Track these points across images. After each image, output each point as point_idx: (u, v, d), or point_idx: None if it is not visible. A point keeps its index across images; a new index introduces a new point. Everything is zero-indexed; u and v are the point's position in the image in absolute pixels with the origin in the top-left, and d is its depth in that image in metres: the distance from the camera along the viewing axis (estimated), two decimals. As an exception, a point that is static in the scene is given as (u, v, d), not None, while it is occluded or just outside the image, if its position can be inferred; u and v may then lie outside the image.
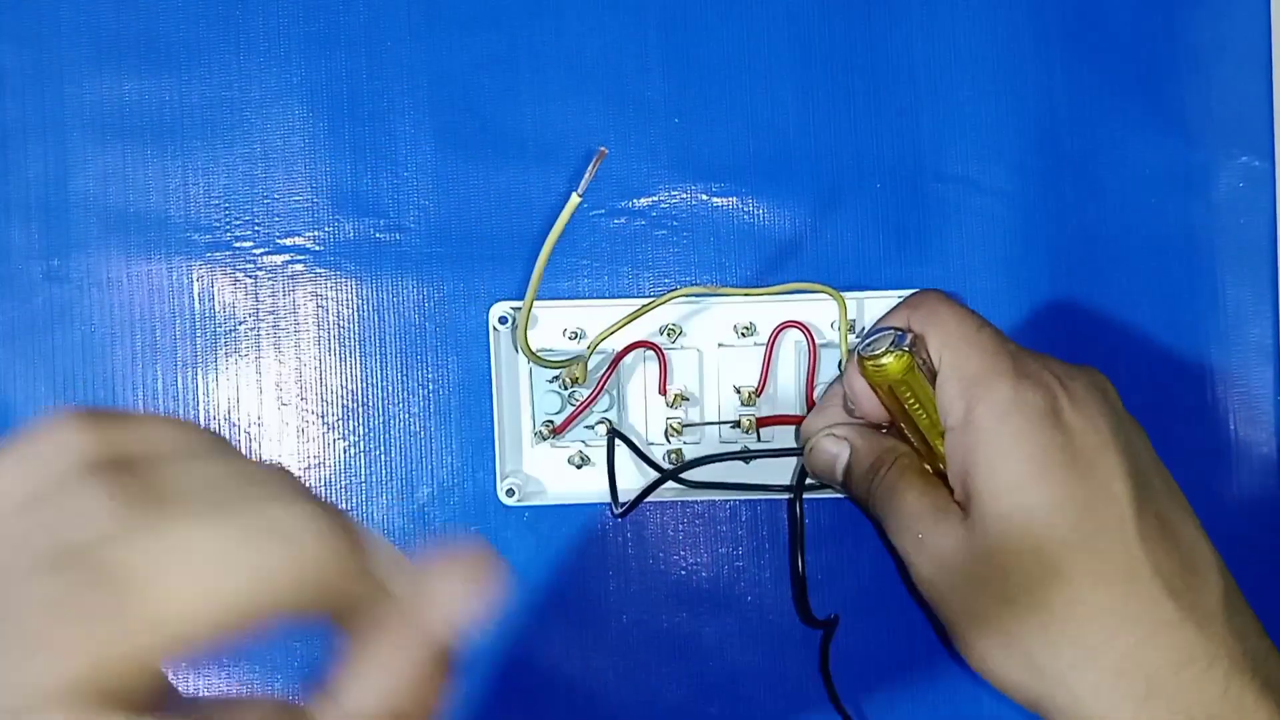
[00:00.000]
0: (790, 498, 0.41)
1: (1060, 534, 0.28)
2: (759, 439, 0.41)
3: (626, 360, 0.41)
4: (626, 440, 0.40)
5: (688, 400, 0.42)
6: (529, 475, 0.42)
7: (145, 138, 0.42)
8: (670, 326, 0.41)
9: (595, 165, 0.34)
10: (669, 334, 0.42)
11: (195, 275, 0.43)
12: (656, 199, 0.43)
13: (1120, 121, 0.43)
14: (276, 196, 0.43)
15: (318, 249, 0.43)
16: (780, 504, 0.43)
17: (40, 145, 0.42)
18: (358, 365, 0.43)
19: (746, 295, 0.41)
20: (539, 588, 0.43)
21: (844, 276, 0.42)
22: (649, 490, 0.40)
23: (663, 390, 0.41)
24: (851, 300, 0.41)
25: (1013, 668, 0.29)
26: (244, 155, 0.43)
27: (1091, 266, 0.43)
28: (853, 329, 0.40)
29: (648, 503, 0.41)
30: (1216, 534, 0.32)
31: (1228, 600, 0.29)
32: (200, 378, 0.43)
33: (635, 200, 0.43)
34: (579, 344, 0.41)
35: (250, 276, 0.43)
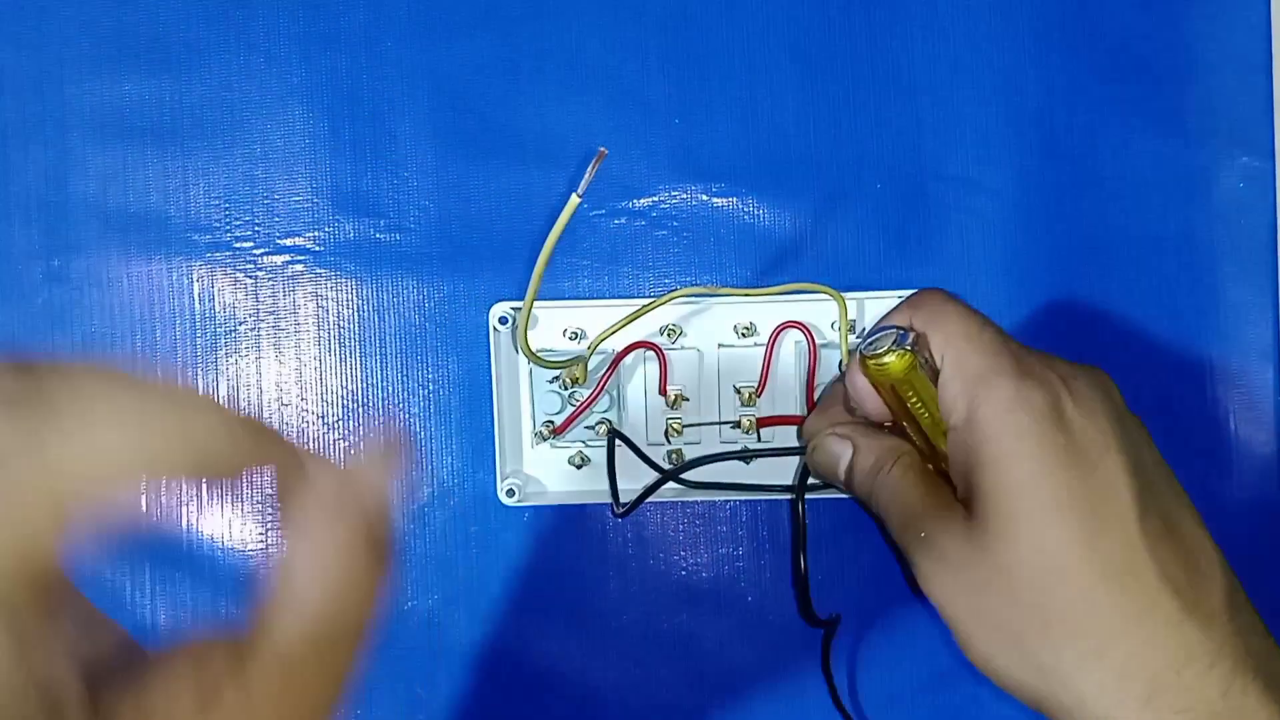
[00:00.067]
0: (792, 498, 0.41)
1: (1063, 532, 0.28)
2: (759, 439, 0.41)
3: (626, 360, 0.41)
4: (626, 440, 0.40)
5: (688, 400, 0.42)
6: (529, 475, 0.42)
7: (145, 138, 0.42)
8: (670, 326, 0.41)
9: (595, 165, 0.34)
10: (669, 334, 0.42)
11: (195, 275, 0.43)
12: (656, 199, 0.43)
13: (1120, 122, 0.43)
14: (276, 196, 0.43)
15: (318, 249, 0.43)
16: (780, 504, 0.43)
17: (40, 145, 0.42)
18: (358, 365, 0.43)
19: (746, 295, 0.41)
20: (539, 588, 0.43)
21: (844, 277, 0.42)
22: (650, 490, 0.40)
23: (663, 390, 0.41)
24: (852, 300, 0.41)
25: (1016, 667, 0.29)
26: (244, 155, 0.43)
27: (1091, 267, 0.43)
28: (853, 329, 0.40)
29: (648, 503, 0.41)
30: (1217, 534, 0.32)
31: (1231, 599, 0.29)
32: (200, 378, 0.43)
33: (635, 200, 0.43)
34: (579, 344, 0.41)
35: (250, 277, 0.43)
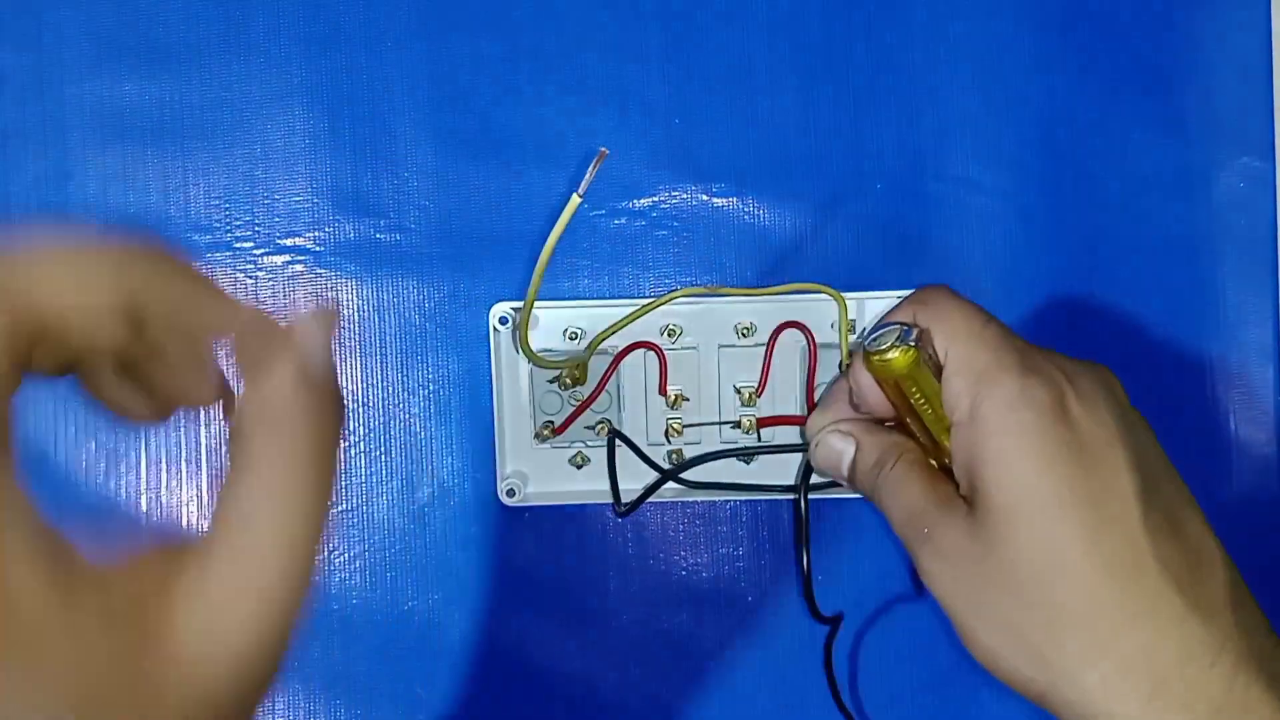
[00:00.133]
0: (795, 496, 0.41)
1: (1066, 528, 0.28)
2: (759, 439, 0.41)
3: (626, 360, 0.41)
4: (627, 440, 0.40)
5: (688, 400, 0.42)
6: (529, 475, 0.42)
7: (145, 138, 0.42)
8: (670, 326, 0.41)
9: (596, 165, 0.34)
10: (669, 334, 0.42)
11: (195, 275, 0.43)
12: (656, 199, 0.43)
13: (1120, 122, 0.43)
14: (276, 196, 0.43)
15: (318, 249, 0.43)
16: (780, 504, 0.43)
17: (40, 146, 0.42)
18: (358, 365, 0.43)
19: (746, 295, 0.41)
20: (539, 588, 0.43)
21: (844, 277, 0.42)
22: (650, 490, 0.40)
23: (663, 390, 0.41)
24: (852, 300, 0.41)
25: (1018, 662, 0.29)
26: (244, 155, 0.43)
27: (1092, 267, 0.43)
28: (853, 329, 0.40)
29: (648, 503, 0.41)
30: (1218, 532, 0.31)
31: (1234, 595, 0.29)
32: (200, 378, 0.43)
33: (635, 200, 0.43)
34: (579, 344, 0.41)
35: (250, 277, 0.43)
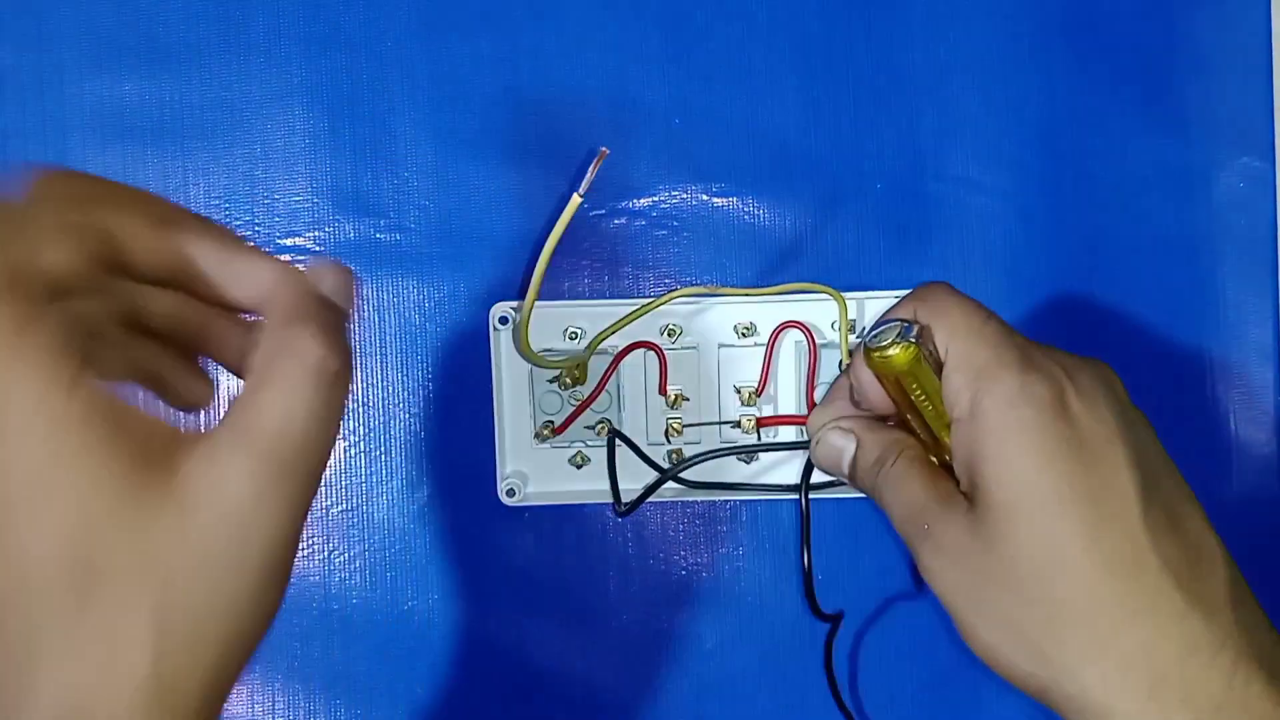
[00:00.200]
0: (795, 497, 0.41)
1: (1067, 524, 0.28)
2: (759, 439, 0.41)
3: (626, 360, 0.41)
4: (626, 440, 0.40)
5: (688, 400, 0.42)
6: (529, 475, 0.42)
7: (145, 138, 0.42)
8: (670, 326, 0.41)
9: (596, 165, 0.34)
10: (669, 334, 0.42)
11: (195, 275, 0.43)
12: (656, 199, 0.43)
13: (1120, 122, 0.43)
14: (276, 196, 0.43)
15: (318, 249, 0.43)
16: (780, 504, 0.43)
17: (40, 146, 0.42)
18: (358, 365, 0.43)
19: (747, 295, 0.41)
20: (539, 588, 0.43)
21: (844, 277, 0.42)
22: (650, 490, 0.40)
23: (663, 390, 0.41)
24: (852, 300, 0.41)
25: (1019, 658, 0.29)
26: (244, 155, 0.43)
27: (1091, 267, 0.43)
28: (853, 329, 0.41)
29: (648, 503, 0.41)
30: (1218, 531, 0.31)
31: (1234, 591, 0.29)
32: (200, 378, 0.43)
33: (635, 200, 0.43)
34: (579, 344, 0.41)
35: (250, 277, 0.43)
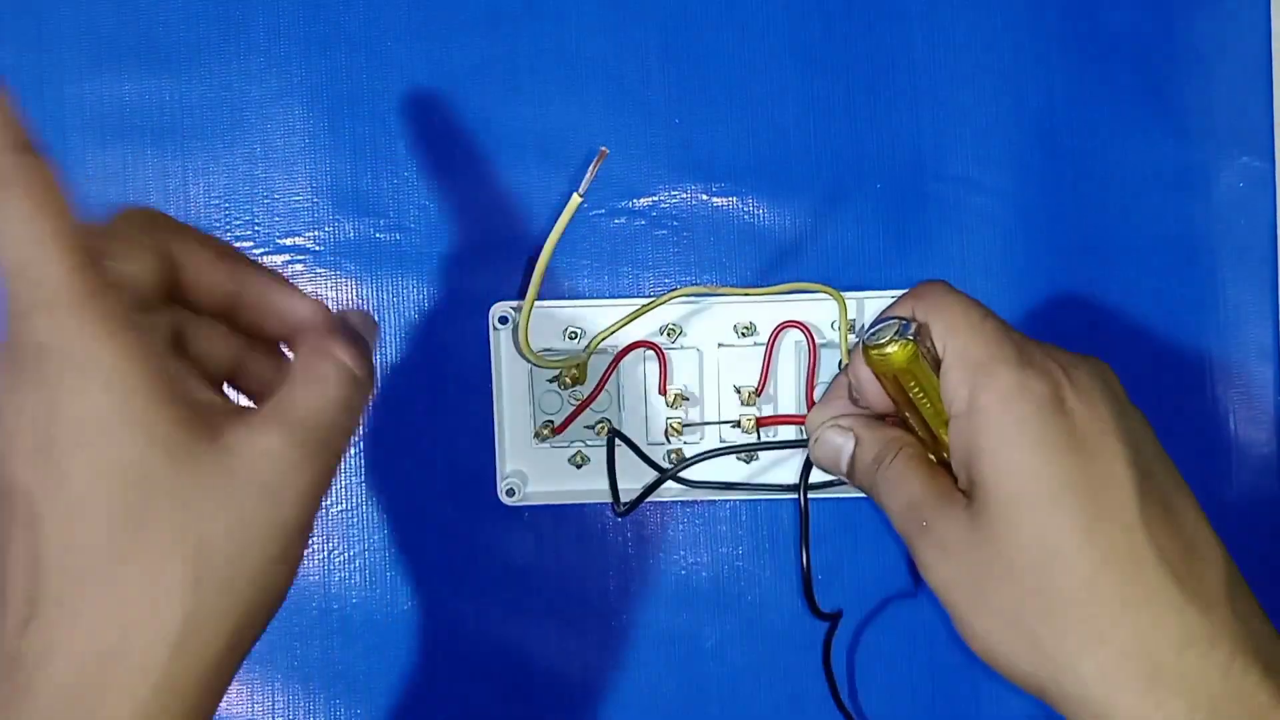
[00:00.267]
0: (795, 496, 0.41)
1: (1064, 518, 0.28)
2: (759, 439, 0.41)
3: (626, 360, 0.41)
4: (626, 440, 0.40)
5: (688, 400, 0.42)
6: (529, 475, 0.42)
7: (145, 138, 0.42)
8: (670, 326, 0.41)
9: (596, 165, 0.34)
10: (669, 334, 0.42)
11: (195, 275, 0.43)
12: (656, 199, 0.43)
13: (1120, 121, 0.43)
14: (276, 196, 0.43)
15: (318, 249, 0.43)
16: (780, 504, 0.43)
17: (40, 145, 0.42)
18: (358, 365, 0.43)
19: (746, 295, 0.41)
20: (539, 588, 0.43)
21: (844, 276, 0.42)
22: (650, 490, 0.40)
23: (663, 390, 0.41)
24: (851, 300, 0.41)
25: (1017, 653, 0.29)
26: (244, 155, 0.43)
27: (1091, 267, 0.43)
28: (853, 329, 0.41)
29: (648, 502, 0.41)
30: (1217, 532, 0.32)
31: (1230, 585, 0.29)
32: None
33: (635, 200, 0.43)
34: (579, 344, 0.41)
35: (250, 276, 0.43)
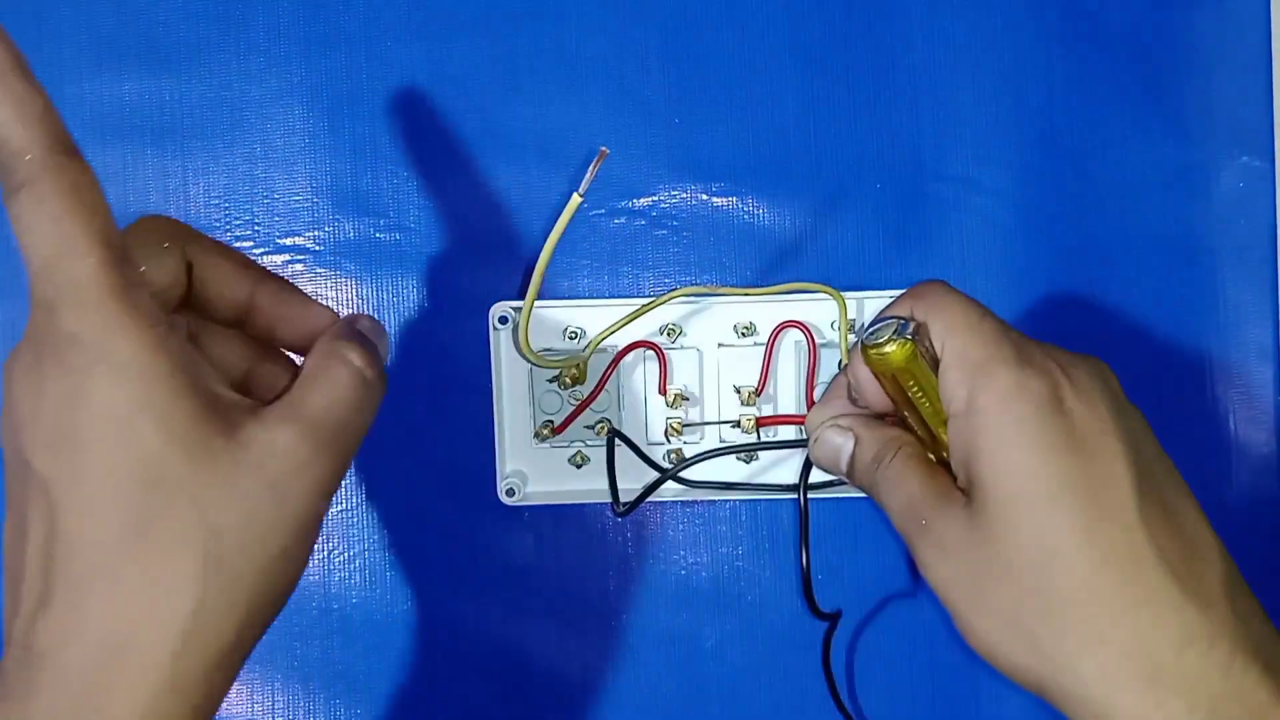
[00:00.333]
0: (794, 496, 0.41)
1: (1063, 517, 0.29)
2: (759, 439, 0.41)
3: (626, 360, 0.41)
4: (626, 440, 0.40)
5: (688, 400, 0.42)
6: (529, 475, 0.42)
7: (145, 138, 0.42)
8: (670, 326, 0.41)
9: (597, 165, 0.34)
10: (669, 334, 0.42)
11: (195, 275, 0.43)
12: (656, 199, 0.43)
13: (1120, 121, 0.43)
14: (276, 196, 0.43)
15: (318, 249, 0.43)
16: (780, 504, 0.43)
17: (40, 145, 0.42)
18: (358, 365, 0.43)
19: (746, 295, 0.41)
20: (539, 588, 0.43)
21: (844, 276, 0.42)
22: (650, 490, 0.40)
23: (663, 390, 0.41)
24: (851, 300, 0.41)
25: (1016, 652, 0.29)
26: (244, 155, 0.43)
27: (1091, 267, 0.43)
28: (853, 329, 0.41)
29: (648, 502, 0.41)
30: (1216, 532, 0.32)
31: (1230, 584, 0.29)
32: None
33: (635, 200, 0.43)
34: (579, 344, 0.41)
35: (250, 276, 0.43)
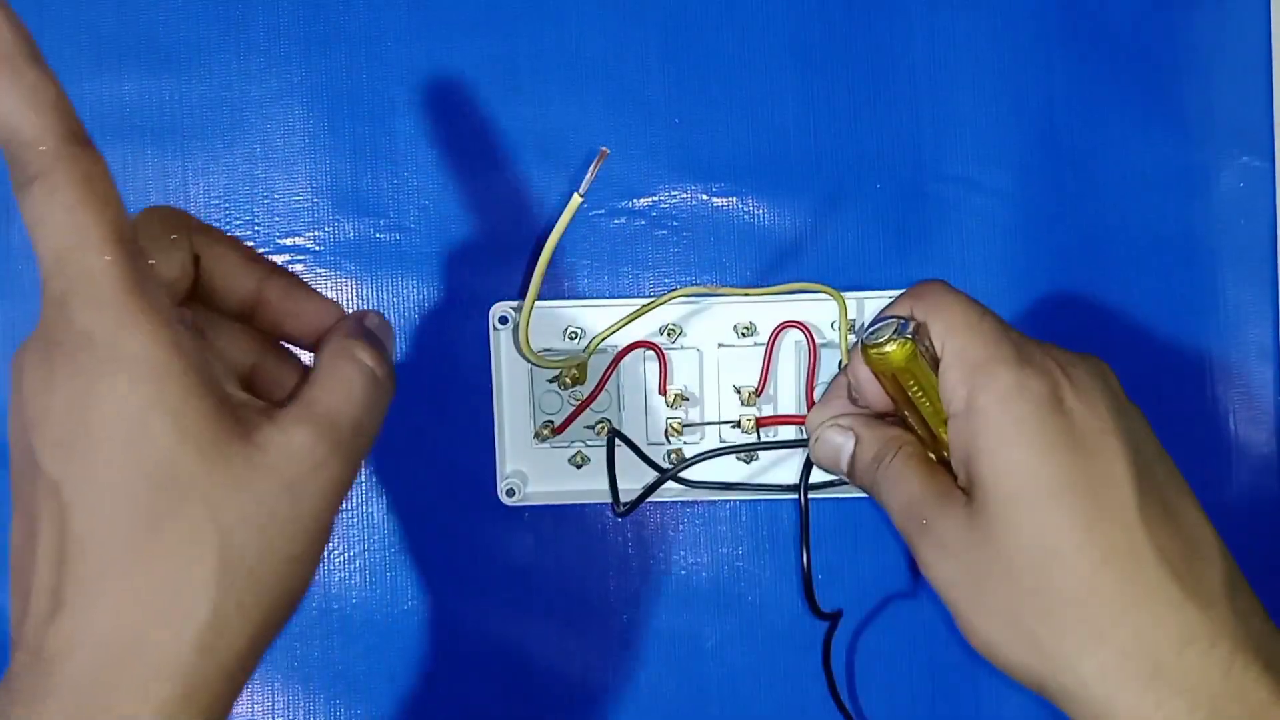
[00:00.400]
0: (795, 496, 0.41)
1: (1063, 516, 0.29)
2: (759, 439, 0.41)
3: (626, 360, 0.41)
4: (626, 440, 0.40)
5: (688, 400, 0.42)
6: (529, 475, 0.42)
7: (145, 138, 0.42)
8: (670, 326, 0.41)
9: (597, 165, 0.34)
10: (669, 334, 0.42)
11: (195, 275, 0.43)
12: (656, 199, 0.43)
13: (1120, 121, 0.43)
14: (276, 196, 0.43)
15: (318, 249, 0.43)
16: (780, 504, 0.43)
17: (40, 145, 0.42)
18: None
19: (746, 295, 0.41)
20: (539, 588, 0.43)
21: (844, 276, 0.42)
22: (650, 490, 0.40)
23: (663, 390, 0.41)
24: (851, 300, 0.41)
25: (1017, 650, 0.29)
26: (244, 155, 0.43)
27: (1091, 267, 0.43)
28: (853, 329, 0.41)
29: (648, 503, 0.41)
30: (1216, 531, 0.32)
31: (1230, 582, 0.29)
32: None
33: (635, 200, 0.43)
34: (579, 344, 0.41)
35: (250, 276, 0.43)
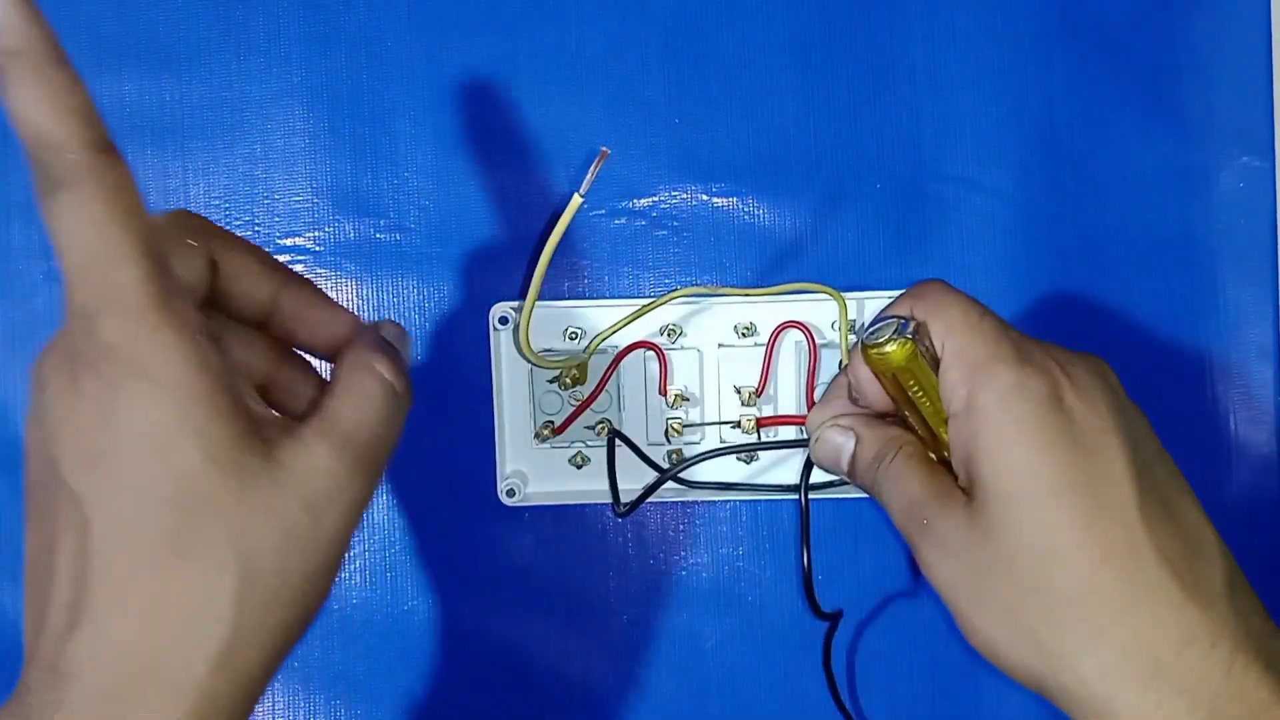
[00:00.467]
0: (795, 497, 0.41)
1: (1063, 515, 0.29)
2: (759, 439, 0.41)
3: (627, 360, 0.41)
4: (626, 440, 0.40)
5: (688, 400, 0.42)
6: (529, 475, 0.42)
7: (145, 138, 0.42)
8: (670, 326, 0.41)
9: (598, 165, 0.34)
10: (669, 334, 0.42)
11: (195, 275, 0.43)
12: (656, 199, 0.43)
13: (1120, 121, 0.43)
14: (276, 196, 0.43)
15: (318, 249, 0.43)
16: (780, 504, 0.43)
17: (40, 145, 0.42)
18: (358, 365, 0.43)
19: (746, 295, 0.41)
20: (539, 588, 0.43)
21: (844, 276, 0.42)
22: (650, 490, 0.40)
23: (663, 390, 0.41)
24: (852, 300, 0.41)
25: (1017, 650, 0.29)
26: (244, 155, 0.43)
27: (1091, 267, 0.43)
28: (853, 329, 0.41)
29: (648, 503, 0.41)
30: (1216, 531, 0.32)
31: (1231, 581, 0.29)
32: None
33: (635, 200, 0.43)
34: (579, 344, 0.41)
35: (250, 276, 0.43)
